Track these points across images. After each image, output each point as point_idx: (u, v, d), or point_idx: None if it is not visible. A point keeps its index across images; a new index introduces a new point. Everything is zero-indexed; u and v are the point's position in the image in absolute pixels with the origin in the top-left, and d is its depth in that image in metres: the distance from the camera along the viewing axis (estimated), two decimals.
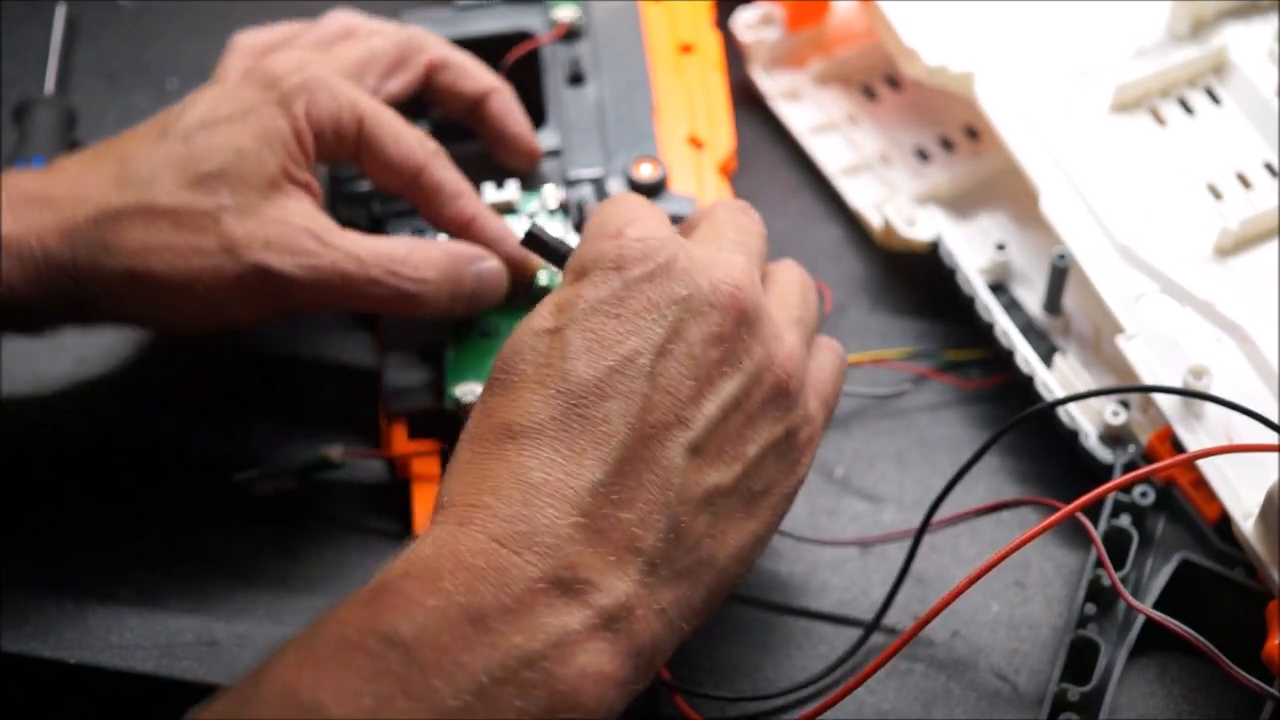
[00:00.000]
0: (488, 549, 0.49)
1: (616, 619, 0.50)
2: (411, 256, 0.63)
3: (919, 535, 0.61)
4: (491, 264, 0.65)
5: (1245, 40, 0.71)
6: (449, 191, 0.65)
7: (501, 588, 0.48)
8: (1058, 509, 0.55)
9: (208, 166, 0.61)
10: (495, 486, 0.50)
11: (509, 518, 0.49)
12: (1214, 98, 0.71)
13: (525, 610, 0.48)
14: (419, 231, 0.68)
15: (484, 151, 0.70)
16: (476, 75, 0.69)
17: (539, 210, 0.69)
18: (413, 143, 0.64)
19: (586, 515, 0.50)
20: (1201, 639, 0.56)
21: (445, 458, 0.63)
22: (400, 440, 0.64)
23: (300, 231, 0.62)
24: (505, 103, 0.69)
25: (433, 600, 0.47)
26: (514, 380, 0.52)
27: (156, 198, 0.61)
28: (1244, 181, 0.69)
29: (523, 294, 0.66)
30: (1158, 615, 0.57)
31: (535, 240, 0.59)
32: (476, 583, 0.48)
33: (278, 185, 0.62)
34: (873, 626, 0.62)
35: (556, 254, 0.59)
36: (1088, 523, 0.58)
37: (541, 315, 0.54)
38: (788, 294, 0.58)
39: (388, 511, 0.66)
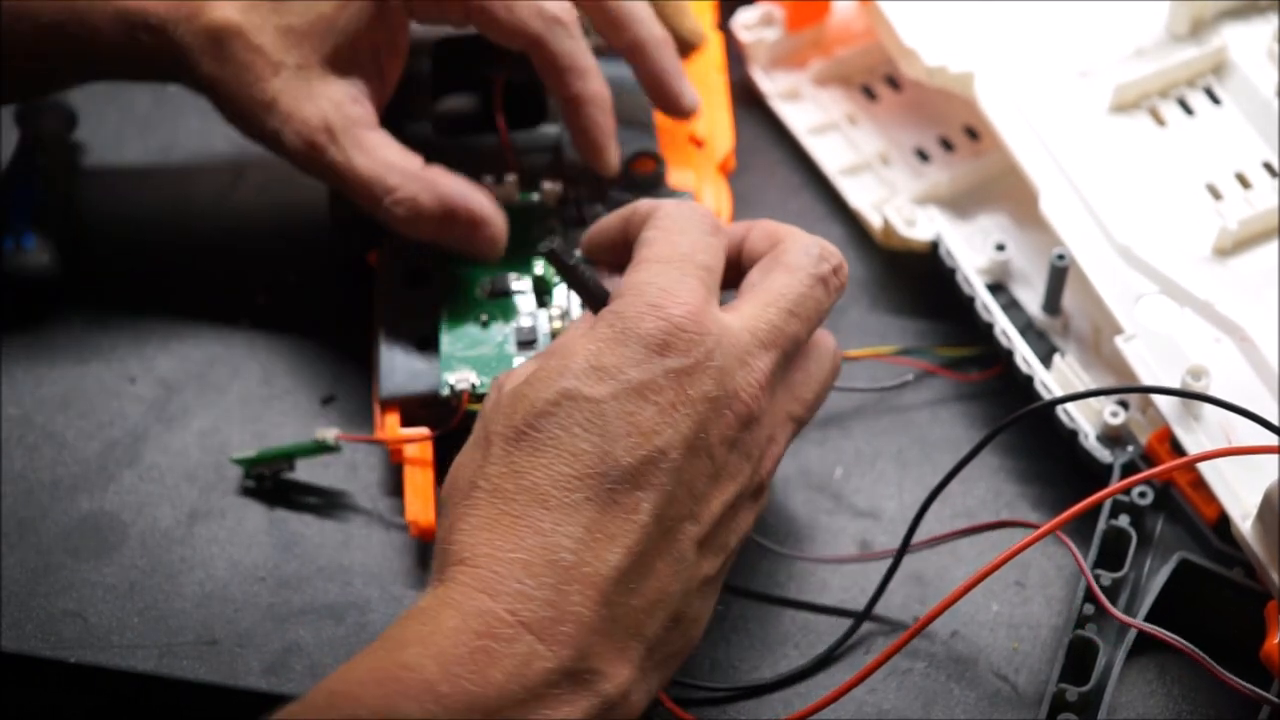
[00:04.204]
0: (513, 635, 0.50)
1: (615, 706, 0.51)
2: (403, 188, 0.64)
3: (904, 544, 0.61)
4: (486, 233, 0.65)
5: (1244, 40, 0.71)
6: (563, 65, 0.65)
7: (517, 677, 0.49)
8: (1035, 529, 0.56)
9: (291, 20, 0.64)
10: (527, 562, 0.51)
11: (540, 601, 0.50)
12: (1213, 98, 0.71)
13: (534, 702, 0.50)
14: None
15: (495, 146, 0.70)
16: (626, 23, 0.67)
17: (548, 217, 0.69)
18: (526, 13, 0.64)
19: (607, 604, 0.51)
20: (1192, 646, 0.56)
21: (438, 444, 0.64)
22: (394, 426, 0.65)
23: (325, 120, 0.64)
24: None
25: (446, 687, 0.49)
26: (545, 443, 0.53)
27: (243, 25, 0.64)
28: (1243, 181, 0.69)
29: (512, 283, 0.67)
30: (1149, 627, 0.58)
31: (556, 260, 0.58)
32: (492, 669, 0.49)
33: (336, 63, 0.64)
34: (861, 619, 0.62)
35: (577, 276, 0.59)
36: (1072, 545, 0.59)
37: (575, 374, 0.53)
38: (807, 391, 0.59)
39: (385, 499, 0.66)
